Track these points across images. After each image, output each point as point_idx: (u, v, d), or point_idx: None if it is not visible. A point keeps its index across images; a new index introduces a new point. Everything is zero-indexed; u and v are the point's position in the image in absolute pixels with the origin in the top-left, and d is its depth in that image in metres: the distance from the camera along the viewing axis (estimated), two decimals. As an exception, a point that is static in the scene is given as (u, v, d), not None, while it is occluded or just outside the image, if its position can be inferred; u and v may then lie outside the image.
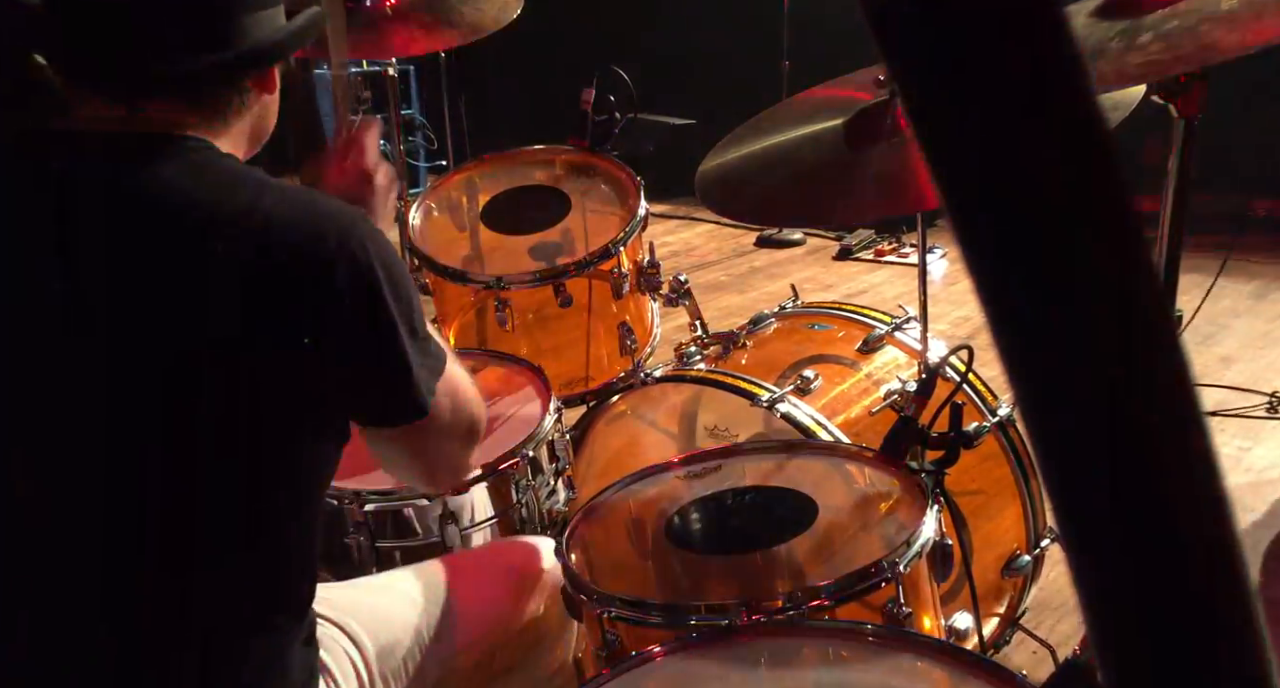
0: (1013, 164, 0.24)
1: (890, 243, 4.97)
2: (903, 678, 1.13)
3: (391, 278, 1.04)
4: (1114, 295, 0.25)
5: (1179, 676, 0.27)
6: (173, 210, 1.00)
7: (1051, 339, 0.25)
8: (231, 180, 1.03)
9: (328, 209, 1.04)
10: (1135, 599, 0.26)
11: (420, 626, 1.33)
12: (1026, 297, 0.25)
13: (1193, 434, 0.26)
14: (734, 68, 5.59)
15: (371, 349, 1.05)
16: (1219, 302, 4.02)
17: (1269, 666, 0.26)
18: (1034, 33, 0.24)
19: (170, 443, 1.01)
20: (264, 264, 0.99)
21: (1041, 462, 0.26)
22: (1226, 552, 0.26)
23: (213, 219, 1.00)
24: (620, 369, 2.20)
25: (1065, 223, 0.24)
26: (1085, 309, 0.25)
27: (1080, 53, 0.24)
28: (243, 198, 1.01)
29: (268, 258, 0.99)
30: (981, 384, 1.88)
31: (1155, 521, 0.26)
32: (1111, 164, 0.24)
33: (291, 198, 1.03)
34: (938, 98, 0.25)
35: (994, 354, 0.26)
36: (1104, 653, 0.27)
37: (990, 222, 0.25)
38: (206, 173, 1.03)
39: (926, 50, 0.24)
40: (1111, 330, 0.25)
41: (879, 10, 0.24)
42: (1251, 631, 0.26)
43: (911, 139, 0.22)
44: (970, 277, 0.25)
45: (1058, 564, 2.00)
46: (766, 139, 1.68)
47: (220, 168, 1.04)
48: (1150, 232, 1.71)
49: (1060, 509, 0.27)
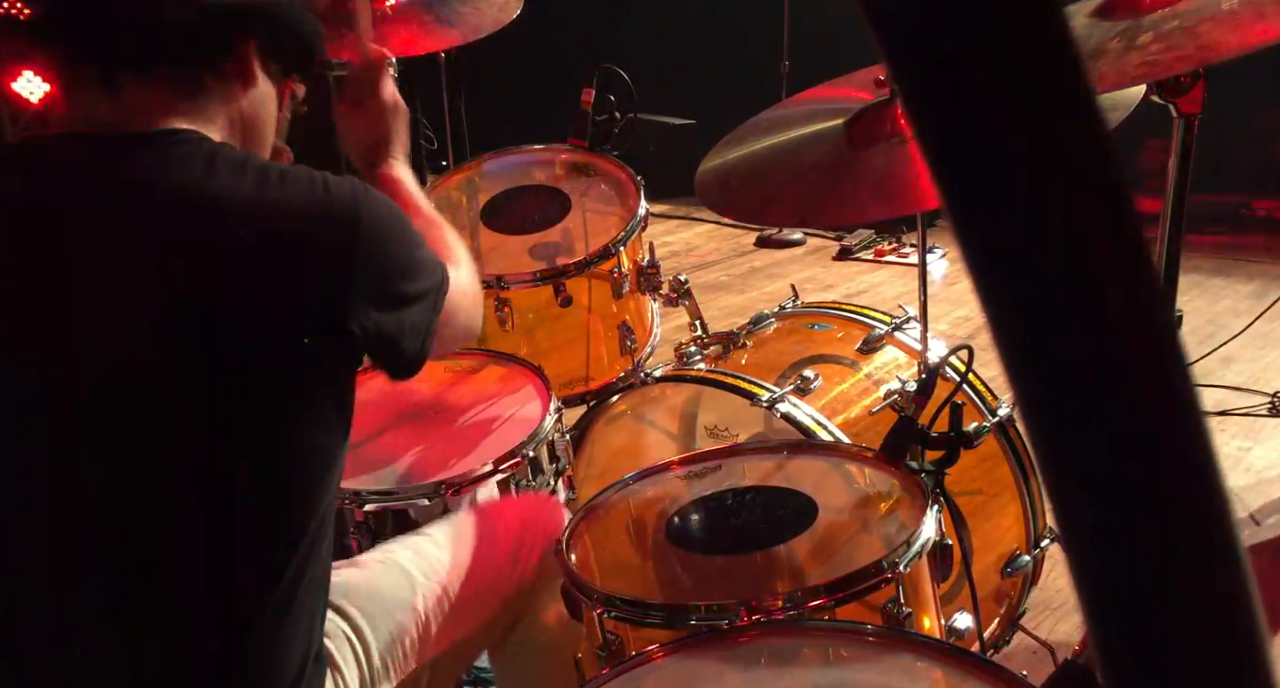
0: (1013, 164, 0.24)
1: (890, 243, 4.96)
2: (902, 678, 1.13)
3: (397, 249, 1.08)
4: (1114, 295, 0.25)
5: (1179, 676, 0.27)
6: (172, 200, 1.01)
7: (1052, 339, 0.25)
8: (232, 168, 1.03)
9: (330, 190, 1.05)
10: (1135, 600, 0.26)
11: (416, 603, 1.32)
12: (1027, 297, 0.25)
13: (1193, 435, 0.26)
14: (734, 68, 5.58)
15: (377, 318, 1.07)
16: (1219, 302, 4.03)
17: (1269, 666, 0.26)
18: (1033, 33, 0.24)
19: (178, 437, 1.01)
20: (272, 249, 1.00)
21: (1041, 461, 0.26)
22: (1227, 552, 0.26)
23: (215, 207, 1.00)
24: (620, 369, 2.20)
25: (1066, 222, 0.24)
26: (1086, 308, 0.25)
27: (1080, 51, 0.24)
28: (246, 185, 1.02)
29: (276, 243, 1.00)
30: (981, 384, 1.88)
31: (1156, 521, 0.26)
32: (1111, 162, 0.24)
33: (293, 181, 1.04)
34: (937, 98, 0.25)
35: (994, 354, 0.26)
36: (1104, 653, 0.27)
37: (991, 222, 0.25)
38: (204, 163, 1.03)
39: (926, 50, 0.24)
40: (1112, 330, 0.25)
41: (879, 10, 0.24)
42: (1251, 631, 0.26)
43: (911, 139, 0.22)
44: (970, 277, 0.25)
45: (1058, 564, 2.00)
46: (766, 139, 1.68)
47: (218, 156, 1.04)
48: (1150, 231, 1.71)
49: (1060, 509, 0.27)
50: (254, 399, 1.02)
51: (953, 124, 0.25)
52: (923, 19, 0.24)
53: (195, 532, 1.03)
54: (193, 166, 1.02)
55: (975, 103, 0.24)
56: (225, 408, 1.01)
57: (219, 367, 1.00)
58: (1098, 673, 0.28)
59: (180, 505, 1.02)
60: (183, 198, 1.01)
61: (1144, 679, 0.27)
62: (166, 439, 1.01)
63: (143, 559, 1.03)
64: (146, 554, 1.03)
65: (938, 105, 0.25)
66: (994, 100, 0.24)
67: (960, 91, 0.24)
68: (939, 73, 0.24)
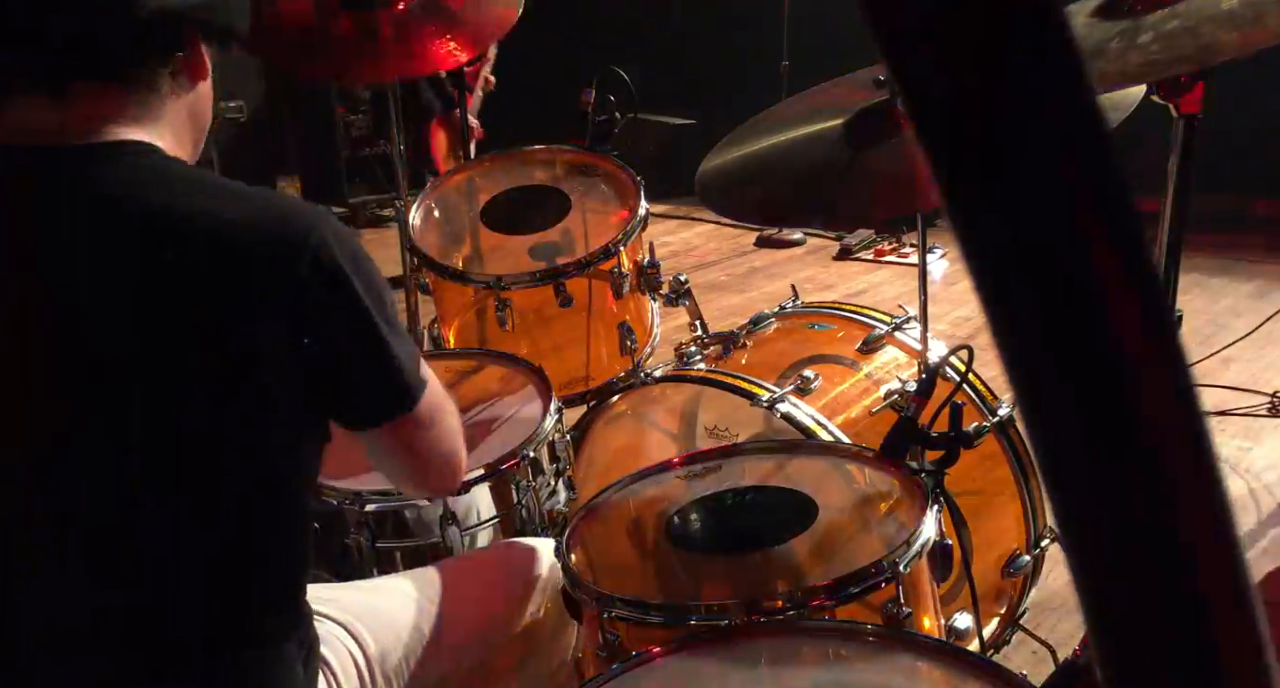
0: (1013, 164, 0.24)
1: (890, 243, 4.97)
2: (902, 678, 1.13)
3: (360, 271, 1.03)
4: (1115, 295, 0.25)
5: (1179, 676, 0.27)
6: (126, 218, 0.99)
7: (1052, 339, 0.25)
8: (187, 185, 1.02)
9: (287, 209, 1.03)
10: (1135, 599, 0.26)
11: (421, 626, 1.33)
12: (1027, 297, 0.25)
13: (1194, 436, 0.26)
14: (734, 68, 5.59)
15: (349, 346, 1.05)
16: (1219, 302, 4.03)
17: (1269, 666, 0.26)
18: (1034, 33, 0.24)
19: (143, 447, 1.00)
20: (224, 268, 0.98)
21: (1041, 461, 0.26)
22: (1227, 551, 0.26)
23: (168, 225, 0.98)
24: (620, 369, 2.20)
25: (1067, 222, 0.24)
26: (1087, 308, 0.25)
27: (1081, 53, 0.24)
28: (199, 202, 1.00)
29: (228, 261, 0.98)
30: (981, 384, 1.88)
31: (1156, 520, 0.26)
32: (1112, 162, 0.24)
33: (249, 200, 1.02)
34: (938, 97, 0.25)
35: (994, 354, 0.26)
36: (1104, 653, 0.27)
37: (991, 223, 0.25)
38: (159, 178, 1.01)
39: (926, 50, 0.24)
40: (1113, 330, 0.25)
41: (879, 10, 0.24)
42: (1252, 631, 0.26)
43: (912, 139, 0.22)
44: (970, 276, 0.25)
45: (1058, 564, 2.00)
46: (766, 139, 1.68)
47: (172, 173, 1.03)
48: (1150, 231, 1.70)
49: (1060, 509, 0.27)
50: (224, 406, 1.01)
51: (952, 124, 0.25)
52: (922, 19, 0.24)
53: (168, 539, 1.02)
54: (150, 179, 1.00)
55: (975, 102, 0.24)
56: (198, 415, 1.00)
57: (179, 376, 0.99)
58: (1098, 673, 0.28)
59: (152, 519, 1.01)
60: (139, 214, 0.98)
61: (1144, 680, 0.27)
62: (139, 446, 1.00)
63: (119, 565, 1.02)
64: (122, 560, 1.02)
65: (937, 105, 0.25)
66: (994, 100, 0.24)
67: (960, 91, 0.24)
68: (939, 72, 0.24)
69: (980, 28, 0.24)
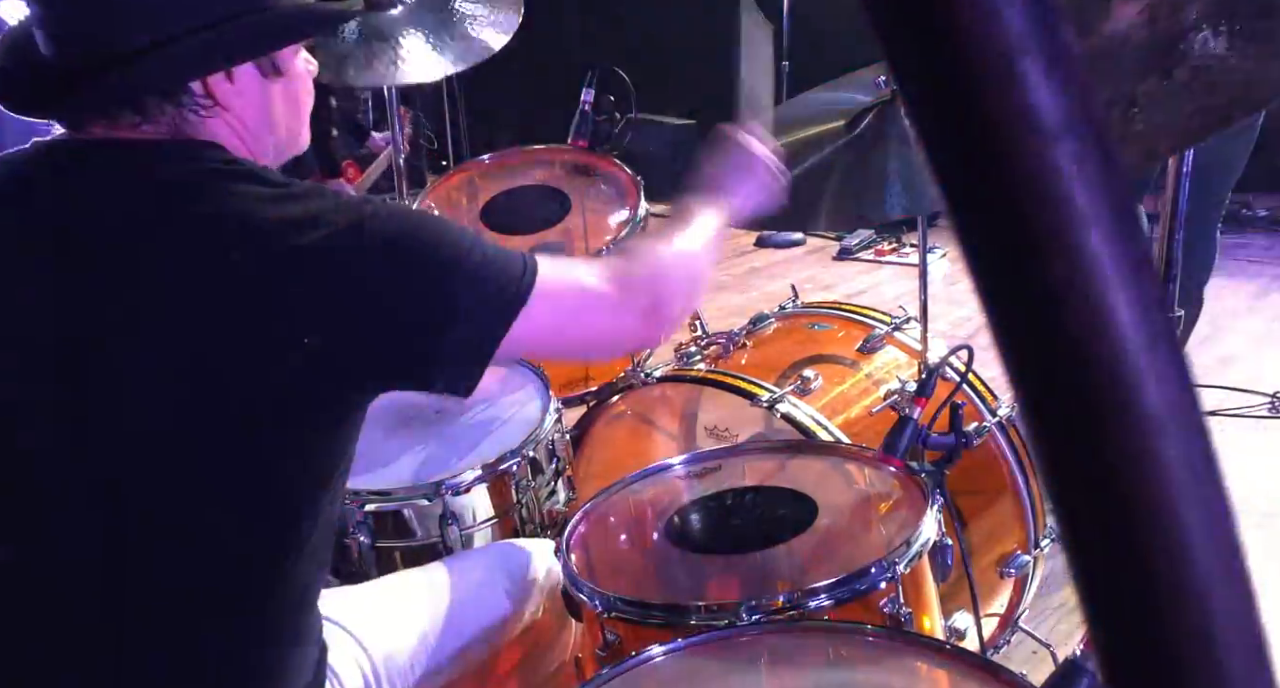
0: (1014, 164, 0.24)
1: (890, 243, 4.97)
2: (903, 678, 1.13)
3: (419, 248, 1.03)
4: (1116, 295, 0.25)
5: (1179, 676, 0.27)
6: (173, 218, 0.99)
7: (1053, 339, 0.25)
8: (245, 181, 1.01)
9: (332, 202, 1.02)
10: (1135, 598, 0.26)
11: (422, 628, 1.33)
12: (1027, 297, 0.25)
13: (1194, 436, 0.26)
14: (734, 68, 5.58)
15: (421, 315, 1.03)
16: (1219, 302, 4.03)
17: (1270, 665, 0.26)
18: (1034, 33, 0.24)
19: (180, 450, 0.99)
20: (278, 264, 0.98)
21: (1041, 461, 0.26)
22: (1227, 550, 0.26)
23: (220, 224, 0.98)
24: (620, 369, 2.20)
25: (1067, 221, 0.24)
26: (1087, 308, 0.25)
27: (1081, 54, 0.24)
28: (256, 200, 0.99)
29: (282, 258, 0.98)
30: (981, 384, 1.88)
31: (1155, 518, 0.26)
32: (1112, 162, 0.24)
33: (298, 196, 1.01)
34: (938, 97, 0.25)
35: (994, 354, 0.26)
36: (1104, 652, 0.27)
37: (991, 223, 0.25)
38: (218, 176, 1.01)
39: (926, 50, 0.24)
40: (1113, 330, 0.25)
41: (880, 9, 0.24)
42: (1252, 630, 0.26)
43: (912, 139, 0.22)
44: (970, 277, 0.25)
45: (1058, 564, 2.00)
46: (766, 139, 1.68)
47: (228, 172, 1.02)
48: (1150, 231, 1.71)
49: (1059, 508, 0.27)
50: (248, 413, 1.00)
51: (953, 124, 0.25)
52: (923, 18, 0.24)
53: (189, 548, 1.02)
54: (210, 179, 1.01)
55: (976, 102, 0.24)
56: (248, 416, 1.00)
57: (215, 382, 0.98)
58: (1098, 673, 0.28)
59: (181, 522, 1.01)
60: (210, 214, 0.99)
61: (1145, 679, 0.27)
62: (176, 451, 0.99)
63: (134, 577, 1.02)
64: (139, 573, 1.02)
65: (938, 105, 0.25)
66: (995, 99, 0.24)
67: (960, 91, 0.24)
68: (939, 72, 0.24)
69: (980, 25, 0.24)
